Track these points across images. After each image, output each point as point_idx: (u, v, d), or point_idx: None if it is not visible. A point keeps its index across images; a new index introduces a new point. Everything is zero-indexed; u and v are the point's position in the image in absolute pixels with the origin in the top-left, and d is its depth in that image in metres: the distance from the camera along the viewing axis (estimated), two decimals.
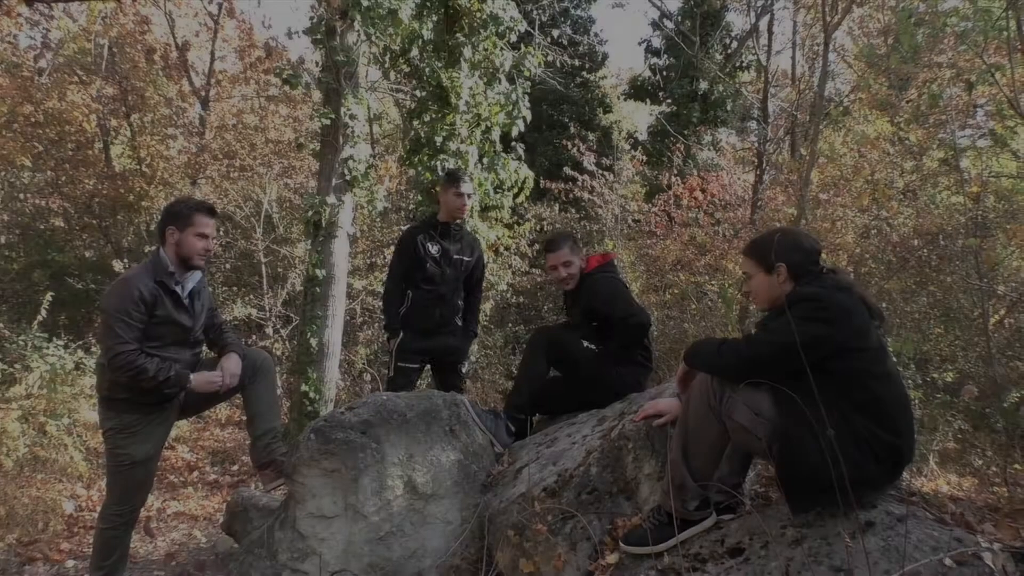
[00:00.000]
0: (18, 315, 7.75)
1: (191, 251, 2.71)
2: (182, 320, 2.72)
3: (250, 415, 2.90)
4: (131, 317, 2.55)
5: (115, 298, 2.59)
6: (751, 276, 2.16)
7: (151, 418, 2.73)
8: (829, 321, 1.85)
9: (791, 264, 2.04)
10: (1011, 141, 6.17)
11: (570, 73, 12.79)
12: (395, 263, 3.78)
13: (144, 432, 2.71)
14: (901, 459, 1.87)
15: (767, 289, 2.10)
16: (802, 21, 10.36)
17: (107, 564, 2.79)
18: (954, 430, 4.38)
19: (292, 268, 8.36)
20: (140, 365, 2.53)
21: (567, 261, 3.25)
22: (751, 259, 2.14)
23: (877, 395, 1.84)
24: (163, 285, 2.65)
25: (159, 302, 2.63)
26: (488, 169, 6.49)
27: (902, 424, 1.86)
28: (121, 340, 2.52)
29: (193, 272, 2.79)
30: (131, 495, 2.77)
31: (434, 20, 6.23)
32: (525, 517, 2.30)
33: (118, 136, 9.64)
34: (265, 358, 2.93)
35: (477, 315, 4.08)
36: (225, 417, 6.85)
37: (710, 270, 7.05)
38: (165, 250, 2.71)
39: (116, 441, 2.68)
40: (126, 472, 2.71)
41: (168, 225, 2.72)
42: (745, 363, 1.91)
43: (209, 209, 2.80)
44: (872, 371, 1.87)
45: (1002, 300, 5.20)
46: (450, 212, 3.81)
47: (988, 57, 5.71)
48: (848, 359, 1.86)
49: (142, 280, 2.61)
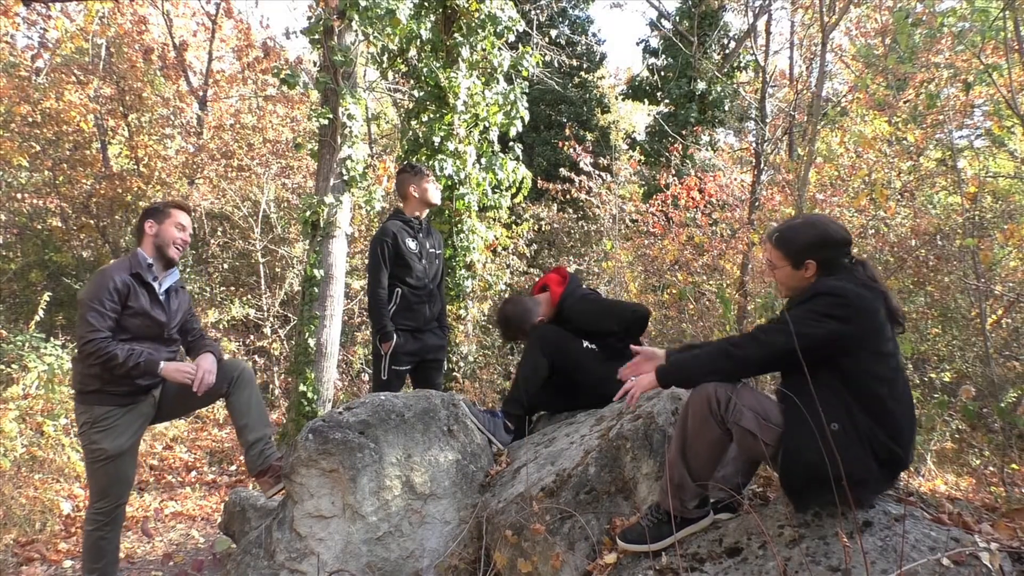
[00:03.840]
0: (15, 315, 7.75)
1: (168, 239, 2.81)
2: (156, 315, 2.76)
3: (239, 426, 2.91)
4: (103, 306, 2.61)
5: (90, 289, 2.66)
6: (776, 267, 2.09)
7: (124, 411, 2.75)
8: (847, 320, 1.84)
9: (820, 260, 2.00)
10: (1008, 141, 6.18)
11: (568, 73, 12.80)
12: (379, 264, 3.63)
13: (118, 426, 2.72)
14: (898, 464, 1.87)
15: (793, 281, 2.07)
16: (800, 21, 10.36)
17: (98, 567, 2.79)
18: (952, 430, 4.39)
19: (290, 268, 8.36)
20: (110, 351, 2.58)
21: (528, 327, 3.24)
22: (779, 251, 2.07)
23: (884, 399, 1.83)
24: (138, 277, 2.73)
25: (132, 294, 2.69)
26: (486, 169, 6.50)
27: (904, 432, 1.85)
28: (92, 328, 2.58)
29: (171, 270, 2.88)
30: (110, 492, 2.77)
31: (432, 20, 6.24)
32: (523, 517, 2.30)
33: (115, 136, 9.61)
34: (244, 368, 2.94)
35: (445, 310, 4.06)
36: (223, 417, 6.83)
37: (708, 270, 7.05)
38: (143, 246, 2.82)
39: (90, 436, 2.70)
40: (101, 467, 2.72)
41: (147, 219, 2.83)
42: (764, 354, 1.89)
43: (185, 206, 2.95)
44: (883, 375, 1.85)
45: (999, 300, 5.21)
46: (424, 204, 3.80)
47: (985, 57, 5.72)
48: (860, 359, 1.85)
49: (117, 272, 2.69)
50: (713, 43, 11.58)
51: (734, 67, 11.79)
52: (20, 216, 8.82)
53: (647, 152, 11.87)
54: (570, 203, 10.17)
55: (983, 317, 4.73)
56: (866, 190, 5.90)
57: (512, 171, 6.62)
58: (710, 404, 1.96)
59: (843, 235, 2.04)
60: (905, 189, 6.15)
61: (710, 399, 1.96)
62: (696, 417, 1.99)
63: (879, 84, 7.39)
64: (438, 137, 6.03)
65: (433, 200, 3.82)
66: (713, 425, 1.96)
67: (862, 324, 1.85)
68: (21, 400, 4.73)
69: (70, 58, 8.89)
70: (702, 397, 1.98)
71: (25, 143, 8.22)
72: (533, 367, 3.09)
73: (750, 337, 1.94)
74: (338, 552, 2.46)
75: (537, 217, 9.87)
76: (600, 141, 12.92)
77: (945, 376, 5.05)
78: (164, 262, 2.84)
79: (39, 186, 9.05)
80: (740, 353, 1.93)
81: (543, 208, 10.10)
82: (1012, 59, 4.51)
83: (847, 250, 2.03)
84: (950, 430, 4.37)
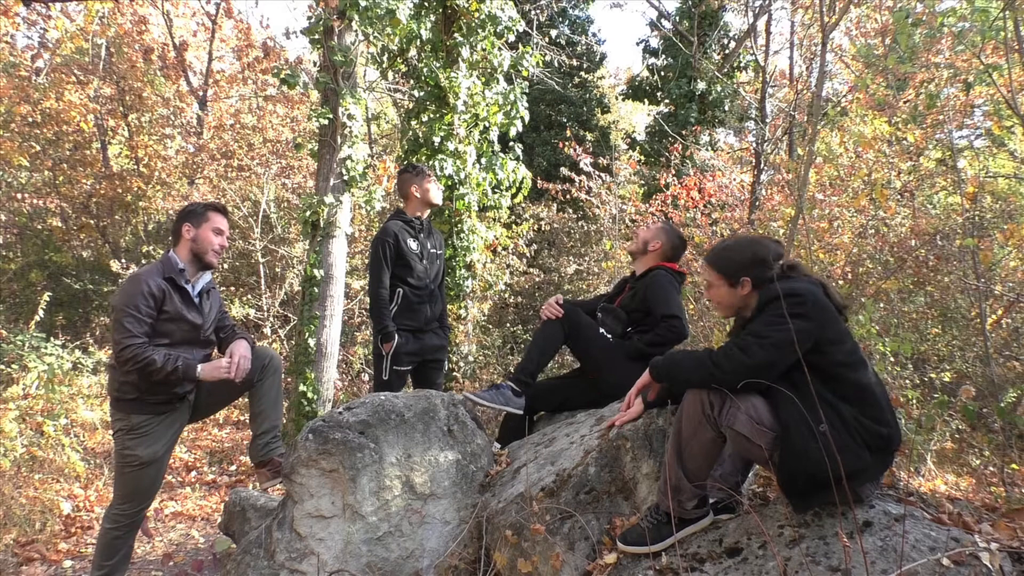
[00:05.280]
0: (15, 315, 7.75)
1: (207, 246, 2.78)
2: (192, 318, 2.75)
3: (254, 412, 2.92)
4: (139, 311, 2.59)
5: (124, 294, 2.63)
6: (713, 286, 2.16)
7: (161, 419, 2.75)
8: (806, 316, 1.88)
9: (755, 277, 2.06)
10: (1008, 141, 6.18)
11: (568, 73, 12.80)
12: (381, 264, 3.64)
13: (153, 433, 2.72)
14: (890, 444, 1.89)
15: (729, 299, 2.14)
16: (800, 21, 10.37)
17: (109, 564, 2.81)
18: (952, 430, 4.39)
19: (290, 268, 8.36)
20: (148, 357, 2.55)
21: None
22: (714, 271, 2.14)
23: (859, 384, 1.88)
24: (172, 282, 2.70)
25: (167, 298, 2.67)
26: (486, 169, 6.50)
27: (885, 411, 1.90)
28: (129, 334, 2.56)
29: (204, 272, 2.85)
30: (137, 496, 2.79)
31: (432, 20, 6.24)
32: (523, 517, 2.30)
33: (115, 136, 9.63)
34: (274, 356, 2.95)
35: (446, 310, 4.06)
36: (223, 417, 6.84)
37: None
38: (177, 250, 2.79)
39: (124, 442, 2.70)
40: (133, 473, 2.73)
41: (184, 223, 2.79)
42: (747, 370, 1.91)
43: (223, 208, 2.90)
44: (849, 362, 1.90)
45: (999, 300, 5.21)
46: (426, 204, 3.81)
47: (985, 57, 5.72)
48: (828, 352, 1.89)
49: (151, 276, 2.66)
50: (713, 43, 11.58)
51: (734, 67, 11.79)
52: (20, 216, 8.84)
53: (647, 152, 11.87)
54: (570, 203, 10.17)
55: (983, 317, 4.73)
56: (866, 190, 5.90)
57: (512, 171, 6.63)
58: (703, 407, 1.97)
59: (776, 251, 2.10)
60: (905, 189, 6.15)
61: (703, 402, 1.97)
62: (690, 420, 2.01)
63: (879, 84, 7.39)
64: (438, 137, 6.03)
65: (435, 200, 3.82)
66: (707, 428, 1.98)
67: (820, 316, 1.90)
68: (21, 400, 4.73)
69: (70, 58, 8.90)
70: (696, 400, 2.00)
71: (25, 143, 8.24)
72: (547, 335, 3.06)
73: (727, 356, 1.95)
74: (338, 552, 2.46)
75: (537, 217, 9.87)
76: (600, 141, 12.92)
77: (945, 376, 5.05)
78: (200, 265, 2.81)
79: (39, 186, 9.06)
80: (719, 373, 1.95)
81: (543, 208, 10.10)
82: (1012, 59, 4.51)
83: (777, 262, 2.08)
84: (950, 430, 4.37)
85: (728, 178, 8.34)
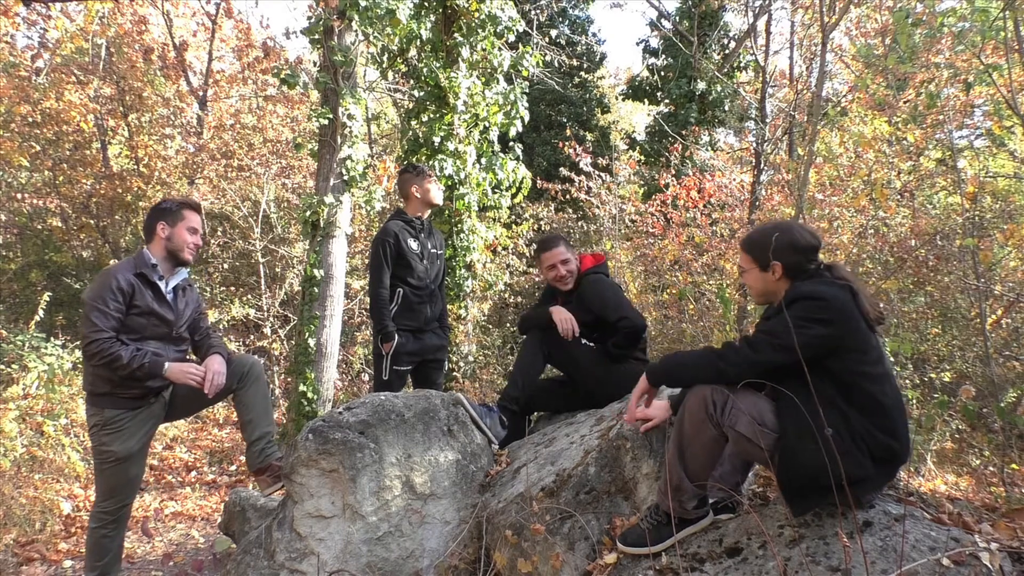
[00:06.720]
0: (15, 315, 7.74)
1: (182, 244, 2.80)
2: (163, 313, 2.75)
3: (244, 421, 2.91)
4: (107, 306, 2.60)
5: (93, 289, 2.65)
6: (746, 271, 2.16)
7: (134, 415, 2.75)
8: (828, 322, 1.85)
9: (787, 264, 2.04)
10: (1008, 141, 6.18)
11: (568, 73, 12.82)
12: (381, 264, 3.63)
13: (127, 429, 2.73)
14: (897, 459, 1.87)
15: (761, 285, 2.12)
16: (800, 21, 10.37)
17: (101, 564, 2.81)
18: (952, 430, 4.39)
19: (290, 268, 8.36)
20: (113, 352, 2.56)
21: (565, 259, 3.26)
22: (747, 254, 2.14)
23: (874, 396, 1.84)
24: (143, 277, 2.71)
25: (138, 293, 2.68)
26: (486, 169, 6.50)
27: (899, 427, 1.86)
28: (96, 328, 2.58)
29: (180, 269, 2.86)
30: (117, 493, 2.78)
31: (432, 20, 6.24)
32: (523, 517, 2.30)
33: (115, 136, 9.62)
34: (255, 363, 2.93)
35: (446, 310, 4.07)
36: (223, 417, 6.84)
37: (708, 270, 7.05)
38: (151, 247, 2.80)
39: (100, 437, 2.70)
40: (111, 469, 2.73)
41: (159, 221, 2.80)
42: (751, 366, 1.91)
43: (196, 206, 2.91)
44: (869, 373, 1.86)
45: (999, 300, 5.21)
46: (426, 204, 3.81)
47: (986, 57, 5.72)
48: (846, 359, 1.86)
49: (121, 272, 2.68)
50: (713, 43, 11.58)
51: (734, 67, 11.79)
52: (20, 216, 8.83)
53: (647, 152, 11.87)
54: (570, 203, 10.17)
55: (983, 317, 4.73)
56: (866, 190, 5.90)
57: (512, 171, 6.63)
58: (706, 407, 1.96)
59: (810, 241, 2.06)
60: (905, 189, 6.15)
61: (706, 402, 1.96)
62: (693, 419, 2.00)
63: (879, 84, 7.39)
64: (438, 137, 6.04)
65: (435, 200, 3.82)
66: (709, 427, 1.97)
67: (843, 324, 1.86)
68: (21, 400, 4.73)
69: (70, 58, 8.90)
70: (698, 399, 1.99)
71: (25, 143, 8.23)
72: (529, 361, 3.09)
73: (734, 350, 1.95)
74: (338, 552, 2.46)
75: (537, 217, 9.88)
76: (600, 141, 12.93)
77: (945, 376, 5.05)
78: (175, 262, 2.83)
79: (39, 186, 9.06)
80: (724, 366, 1.95)
81: (543, 208, 10.10)
82: (1012, 59, 4.51)
83: (814, 256, 2.06)
84: (950, 430, 4.37)
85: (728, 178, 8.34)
